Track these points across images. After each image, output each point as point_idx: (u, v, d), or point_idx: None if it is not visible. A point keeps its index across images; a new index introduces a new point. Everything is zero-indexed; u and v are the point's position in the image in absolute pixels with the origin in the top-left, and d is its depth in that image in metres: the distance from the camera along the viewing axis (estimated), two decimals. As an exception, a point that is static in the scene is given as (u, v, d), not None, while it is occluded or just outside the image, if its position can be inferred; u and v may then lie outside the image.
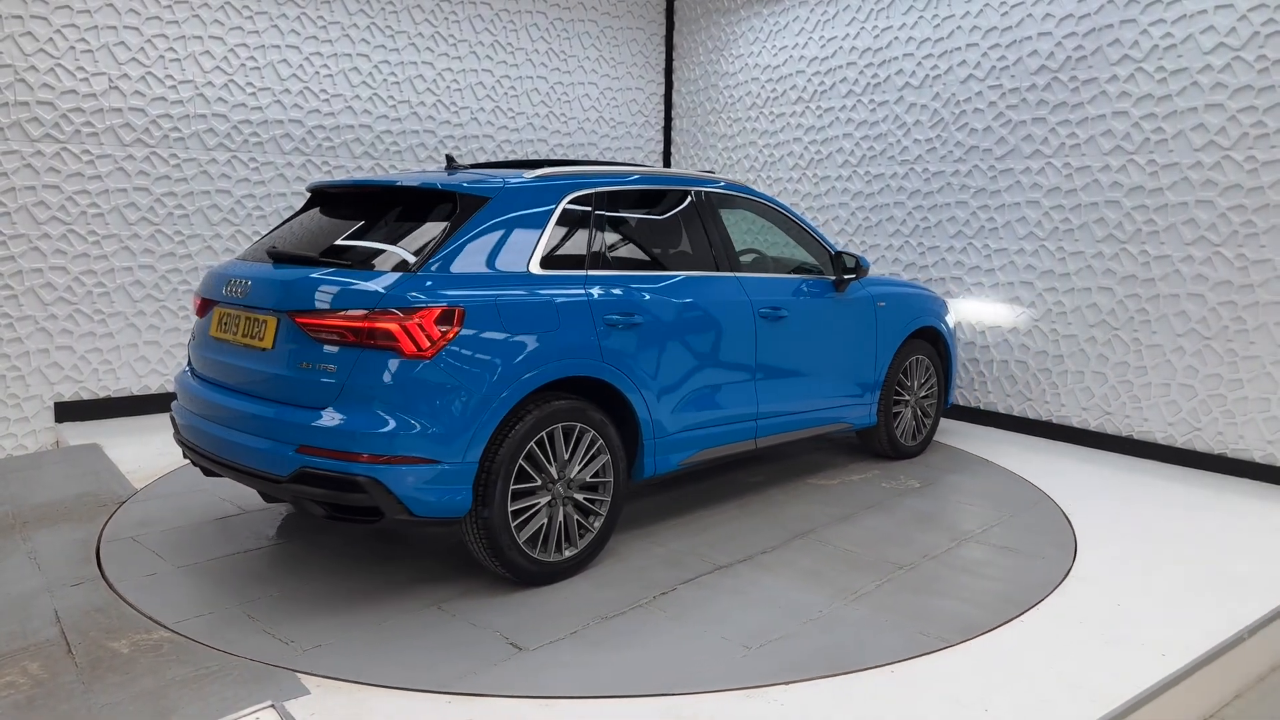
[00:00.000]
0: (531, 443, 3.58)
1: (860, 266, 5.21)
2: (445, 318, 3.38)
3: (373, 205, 3.99)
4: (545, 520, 3.68)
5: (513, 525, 3.55)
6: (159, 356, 6.64)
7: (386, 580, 3.78)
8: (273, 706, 2.74)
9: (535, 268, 3.76)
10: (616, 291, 3.99)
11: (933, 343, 5.93)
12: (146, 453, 5.57)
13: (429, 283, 3.43)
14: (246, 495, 4.80)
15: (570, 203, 3.99)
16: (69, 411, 6.27)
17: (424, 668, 3.04)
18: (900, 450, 5.71)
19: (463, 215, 3.66)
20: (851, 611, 3.52)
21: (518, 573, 3.63)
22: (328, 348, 3.35)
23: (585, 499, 3.83)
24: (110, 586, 3.65)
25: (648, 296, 4.11)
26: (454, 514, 3.41)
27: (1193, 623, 3.44)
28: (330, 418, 3.30)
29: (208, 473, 3.92)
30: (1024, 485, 5.21)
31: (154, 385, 6.63)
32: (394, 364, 3.30)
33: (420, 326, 3.32)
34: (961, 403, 6.92)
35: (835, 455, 5.86)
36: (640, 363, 4.01)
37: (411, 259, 3.53)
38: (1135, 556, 4.13)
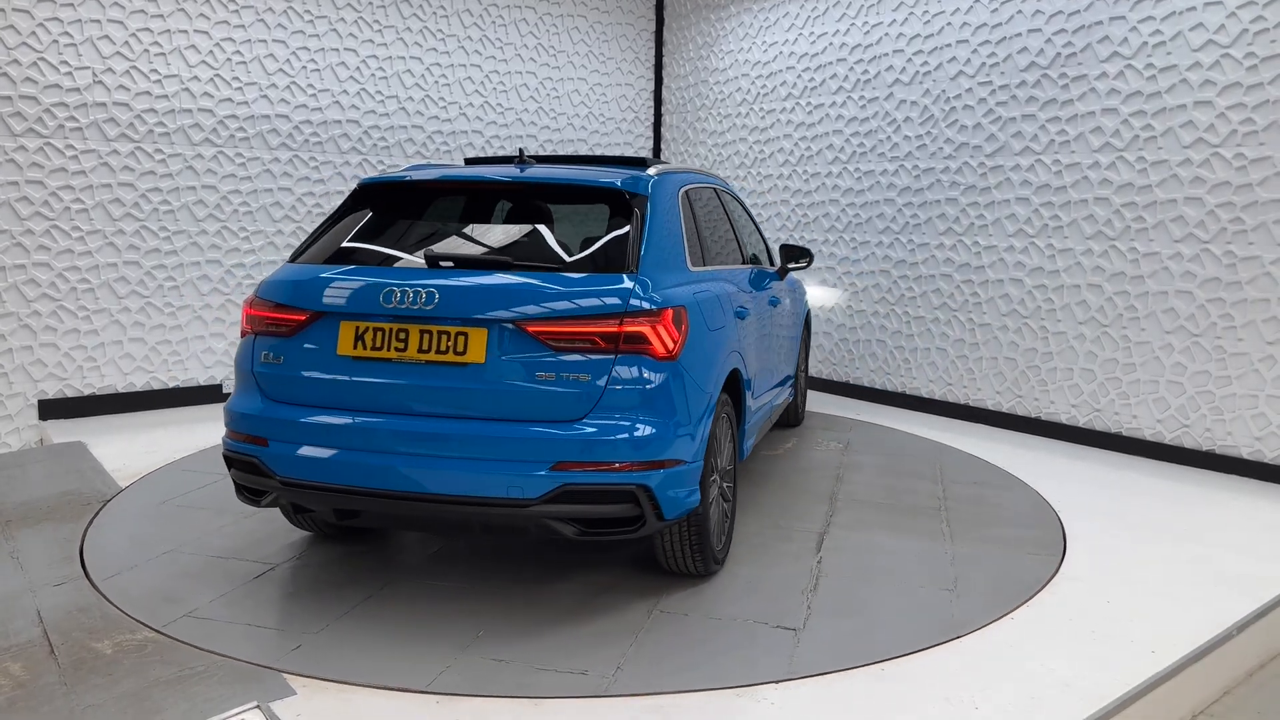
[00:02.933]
0: None
1: (809, 256, 5.54)
2: (677, 318, 3.34)
3: (511, 203, 3.87)
4: (717, 511, 3.79)
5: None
6: (144, 354, 6.58)
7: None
8: (258, 707, 2.71)
9: (690, 265, 3.80)
10: (736, 285, 4.26)
11: (806, 323, 6.54)
12: (131, 450, 5.52)
13: (651, 283, 3.34)
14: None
15: (681, 200, 4.07)
16: (53, 409, 6.21)
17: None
18: (799, 418, 6.46)
19: (640, 214, 3.55)
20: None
21: (709, 568, 3.71)
22: (573, 356, 3.14)
23: (726, 486, 3.96)
24: (94, 586, 3.61)
25: (748, 290, 4.48)
26: (689, 512, 3.40)
27: (1182, 619, 3.45)
28: (590, 429, 3.12)
29: (342, 516, 3.41)
30: (1013, 481, 5.21)
31: (139, 382, 6.57)
32: (648, 367, 3.20)
33: (664, 328, 3.26)
34: (951, 399, 6.93)
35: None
36: (747, 353, 4.26)
37: (621, 260, 3.37)
38: (1124, 553, 4.14)
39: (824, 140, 7.70)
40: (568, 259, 3.46)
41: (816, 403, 7.34)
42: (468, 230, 3.75)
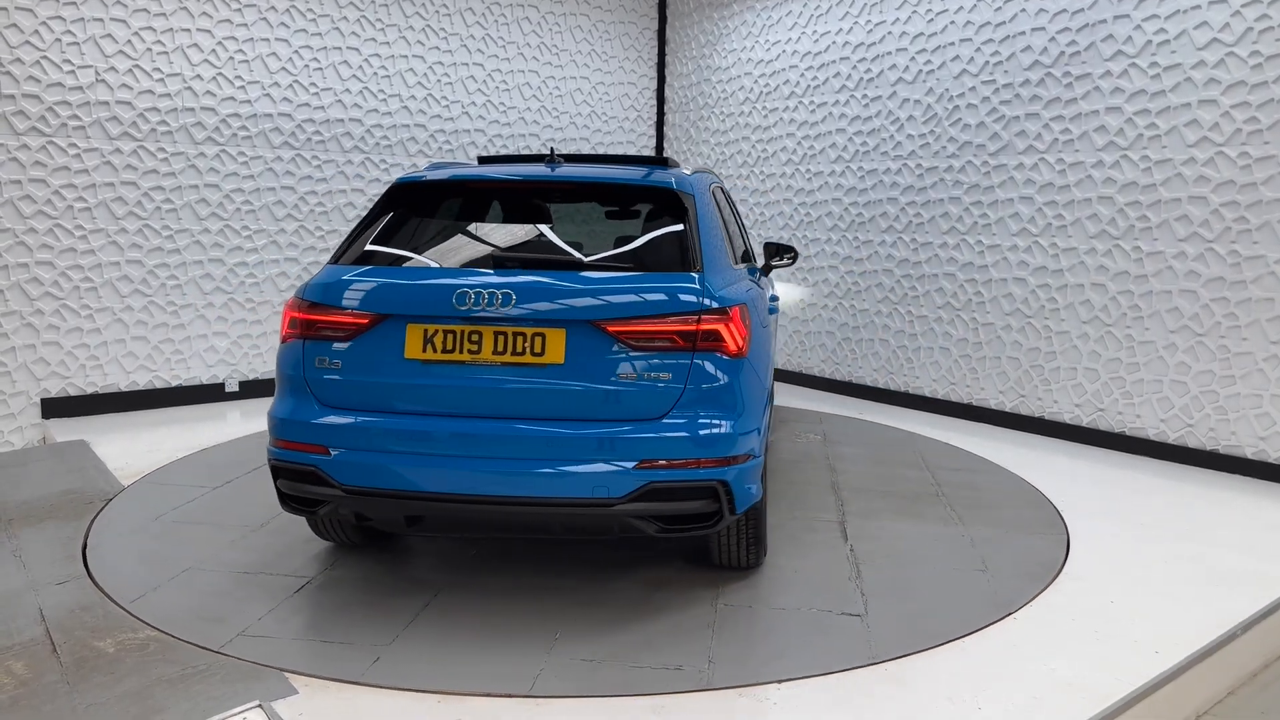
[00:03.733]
0: None
1: (794, 253, 5.39)
2: (743, 315, 3.37)
3: (557, 202, 3.85)
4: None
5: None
6: (147, 352, 6.59)
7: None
8: (260, 706, 2.71)
9: (731, 263, 3.82)
10: (754, 282, 4.27)
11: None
12: (134, 449, 5.53)
13: (715, 281, 3.38)
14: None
15: (714, 199, 4.09)
16: (56, 407, 6.21)
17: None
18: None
19: (692, 213, 3.58)
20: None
21: (760, 560, 3.79)
22: (653, 355, 3.16)
23: None
24: (96, 585, 3.61)
25: (771, 287, 4.59)
26: (752, 505, 3.43)
27: (1185, 619, 3.44)
28: (673, 427, 3.14)
29: (410, 524, 3.33)
30: (1017, 481, 5.20)
31: (141, 381, 6.58)
32: (722, 365, 3.22)
33: (734, 326, 3.28)
34: (954, 398, 6.91)
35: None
36: (771, 346, 4.38)
37: (686, 259, 3.40)
38: (1128, 553, 4.13)
39: (827, 139, 7.69)
40: (633, 258, 3.47)
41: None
42: (523, 230, 3.69)
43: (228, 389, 6.96)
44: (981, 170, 6.58)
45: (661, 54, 9.35)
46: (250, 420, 6.39)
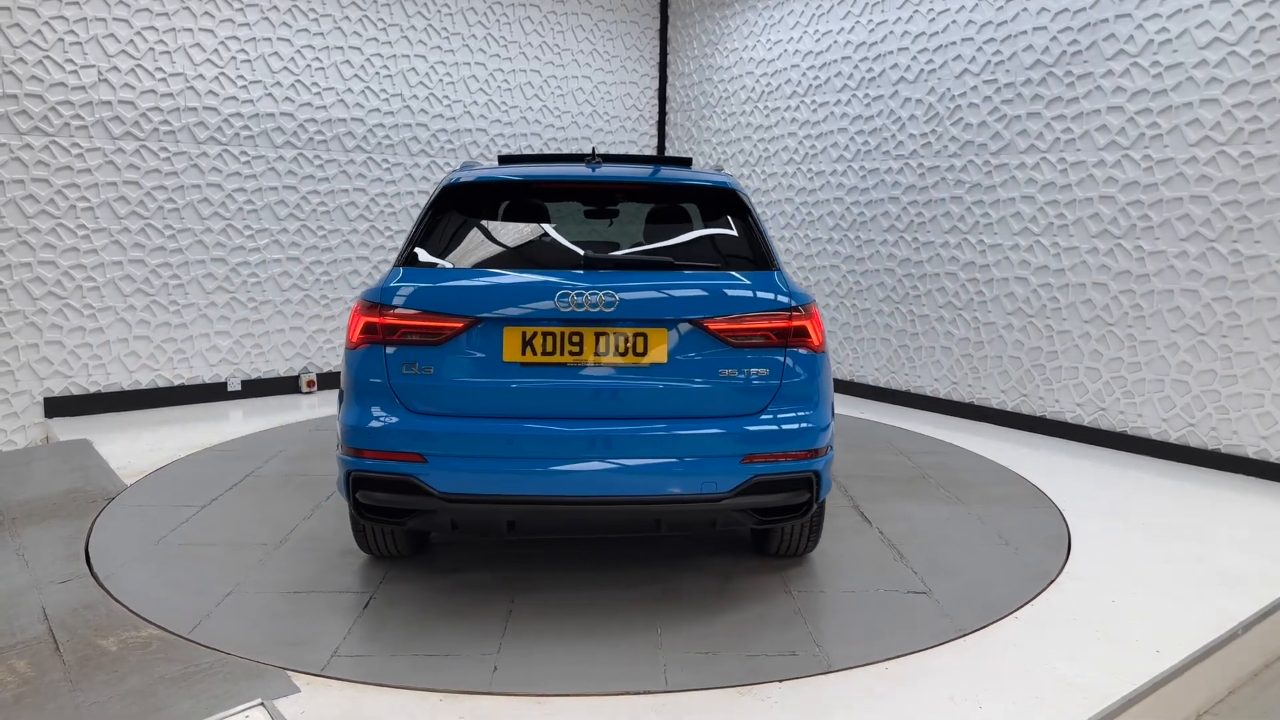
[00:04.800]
0: None
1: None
2: (818, 311, 3.50)
3: (620, 202, 3.86)
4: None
5: None
6: (149, 351, 6.60)
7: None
8: (262, 705, 2.71)
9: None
10: None
11: None
12: (136, 448, 5.54)
13: (787, 279, 3.48)
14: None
15: None
16: (58, 407, 6.22)
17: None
18: None
19: (753, 213, 3.70)
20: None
21: (814, 546, 3.89)
22: (751, 352, 3.25)
23: None
24: (99, 583, 3.62)
25: None
26: (826, 495, 3.51)
27: (1187, 619, 3.44)
28: (772, 421, 3.23)
29: (510, 528, 3.29)
30: (1017, 480, 5.20)
31: (144, 380, 6.59)
32: (808, 360, 3.34)
33: (815, 322, 3.40)
34: (956, 398, 6.91)
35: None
36: None
37: (762, 258, 3.49)
38: (1129, 552, 4.12)
39: (828, 138, 7.69)
40: (713, 257, 3.52)
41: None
42: (599, 229, 3.69)
43: (230, 388, 6.97)
44: (983, 169, 6.58)
45: (663, 53, 9.35)
46: (252, 419, 6.40)
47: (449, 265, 3.40)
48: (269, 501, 4.61)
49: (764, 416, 3.24)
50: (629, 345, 3.18)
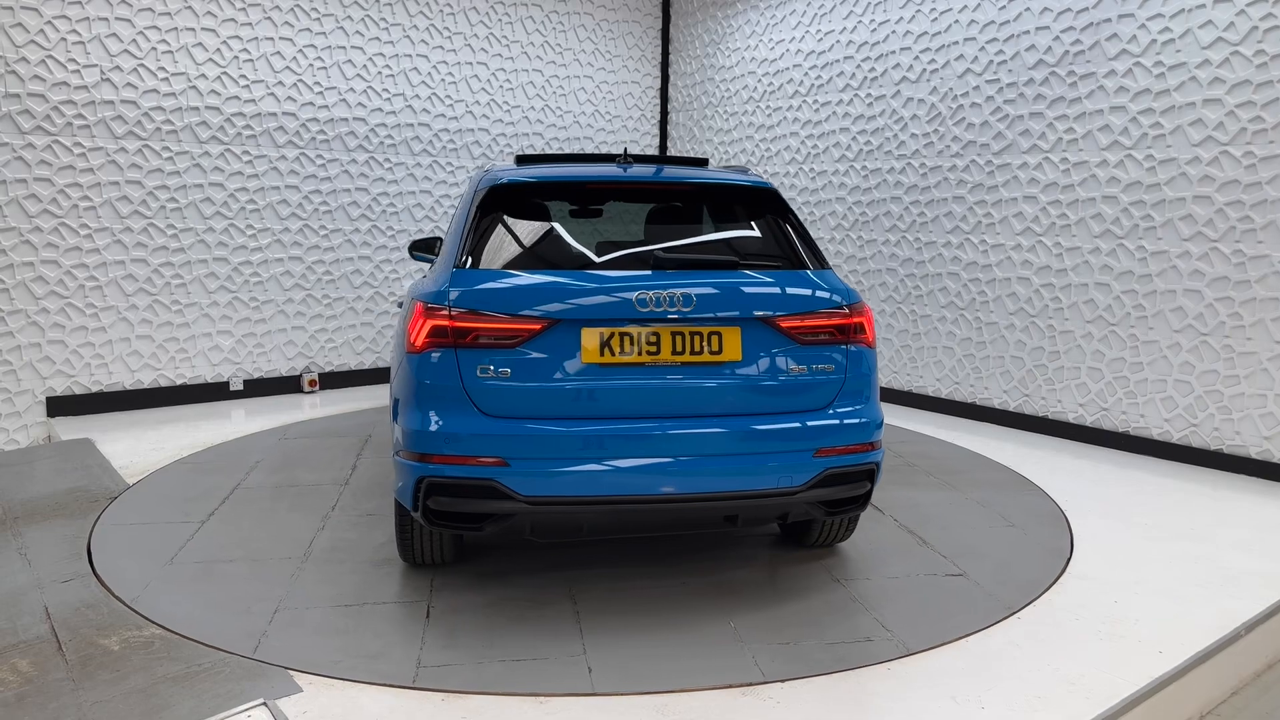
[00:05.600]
0: None
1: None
2: (869, 309, 3.60)
3: (671, 203, 3.85)
4: None
5: None
6: (151, 351, 6.60)
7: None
8: (264, 704, 2.71)
9: None
10: None
11: None
12: (139, 447, 5.54)
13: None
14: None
15: None
16: (61, 406, 6.23)
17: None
18: None
19: (793, 213, 3.77)
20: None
21: (850, 535, 4.04)
22: (818, 348, 3.34)
23: None
24: (101, 583, 3.62)
25: None
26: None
27: (1190, 619, 3.43)
28: (840, 415, 3.34)
29: (593, 530, 3.32)
30: (1020, 480, 5.20)
31: (146, 380, 6.59)
32: (866, 355, 3.45)
33: (868, 319, 3.50)
34: (958, 398, 6.91)
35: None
36: None
37: (814, 257, 3.60)
38: (1131, 553, 4.12)
39: (831, 138, 7.68)
40: (767, 257, 3.58)
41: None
42: (655, 230, 3.68)
43: (232, 387, 6.97)
44: (985, 169, 6.57)
45: (665, 53, 9.35)
46: (254, 418, 6.40)
47: (511, 267, 3.34)
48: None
49: (830, 411, 3.33)
50: (704, 344, 3.23)
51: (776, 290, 3.37)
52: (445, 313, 3.19)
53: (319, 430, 6.10)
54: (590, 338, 3.16)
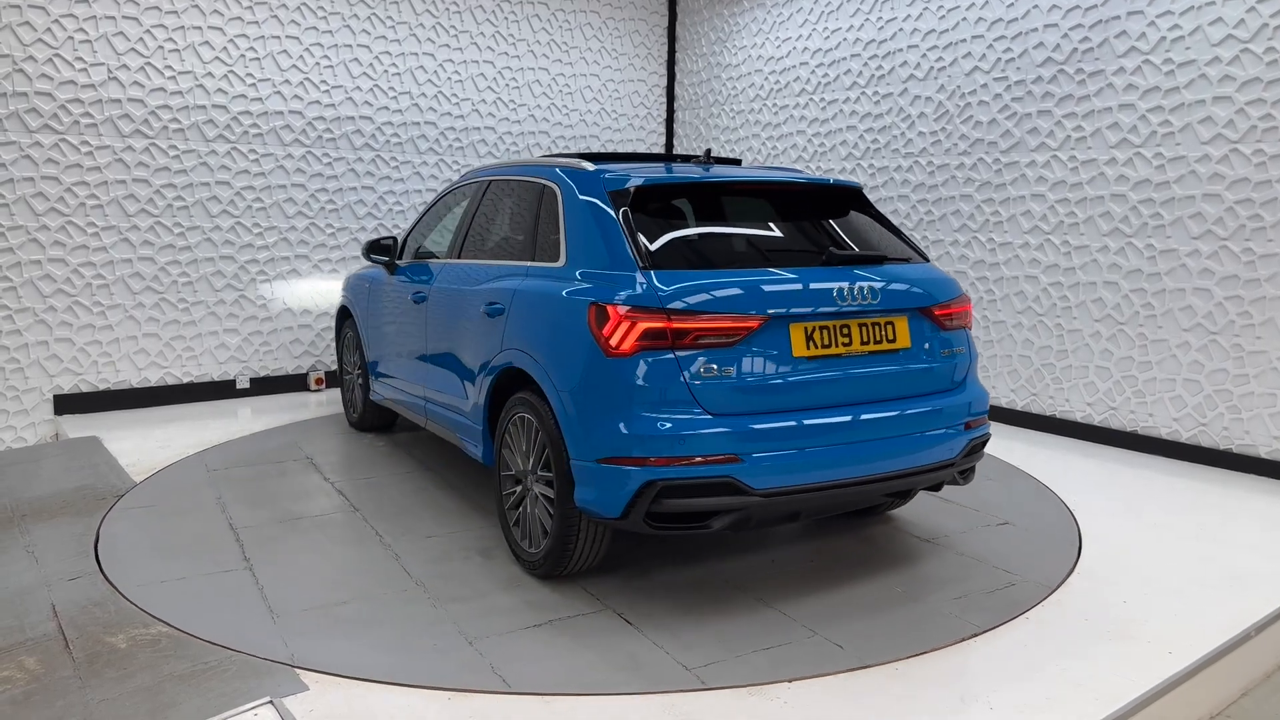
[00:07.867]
0: None
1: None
2: None
3: (777, 202, 3.94)
4: None
5: None
6: (158, 349, 6.61)
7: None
8: (271, 702, 2.71)
9: None
10: None
11: None
12: (146, 446, 5.55)
13: None
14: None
15: None
16: (68, 404, 6.24)
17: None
18: None
19: (874, 209, 4.05)
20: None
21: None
22: (953, 333, 3.73)
23: None
24: (108, 580, 3.63)
25: None
26: None
27: (1199, 620, 3.41)
28: (970, 391, 3.75)
29: (793, 517, 3.40)
30: (1028, 480, 5.18)
31: (153, 378, 6.60)
32: (969, 338, 3.85)
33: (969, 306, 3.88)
34: (965, 397, 6.89)
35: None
36: None
37: (915, 250, 3.94)
38: (1140, 553, 4.10)
39: (838, 136, 7.66)
40: (893, 252, 3.84)
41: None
42: (795, 228, 3.85)
43: (239, 385, 6.98)
44: (993, 168, 6.54)
45: (671, 51, 9.33)
46: (261, 417, 6.41)
47: (692, 267, 3.41)
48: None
49: (964, 388, 3.73)
50: (883, 333, 3.52)
51: (930, 281, 3.72)
52: (661, 315, 3.18)
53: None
54: (798, 332, 3.36)
